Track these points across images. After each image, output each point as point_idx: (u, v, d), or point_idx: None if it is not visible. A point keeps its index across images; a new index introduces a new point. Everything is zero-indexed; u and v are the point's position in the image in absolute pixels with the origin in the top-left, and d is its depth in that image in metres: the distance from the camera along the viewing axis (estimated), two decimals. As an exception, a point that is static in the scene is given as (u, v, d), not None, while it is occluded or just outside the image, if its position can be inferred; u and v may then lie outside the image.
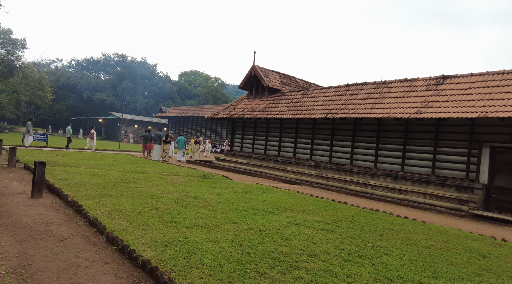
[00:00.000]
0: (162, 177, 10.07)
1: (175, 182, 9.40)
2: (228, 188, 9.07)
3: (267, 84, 16.13)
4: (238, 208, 6.45)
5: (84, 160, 13.38)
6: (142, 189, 7.72)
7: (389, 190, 10.75)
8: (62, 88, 60.31)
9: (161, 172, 11.65)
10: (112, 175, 9.53)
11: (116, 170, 11.11)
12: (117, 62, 68.03)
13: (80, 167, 11.01)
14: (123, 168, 11.90)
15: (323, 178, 12.72)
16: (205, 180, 10.39)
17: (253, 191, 8.83)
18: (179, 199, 6.85)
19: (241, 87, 17.83)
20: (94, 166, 11.65)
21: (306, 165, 13.67)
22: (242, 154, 17.05)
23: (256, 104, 16.67)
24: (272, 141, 15.77)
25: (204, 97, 73.31)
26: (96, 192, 6.76)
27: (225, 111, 18.03)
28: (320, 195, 9.70)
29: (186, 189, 8.23)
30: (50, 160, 12.03)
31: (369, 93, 12.41)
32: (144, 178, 9.53)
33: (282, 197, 8.17)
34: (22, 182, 7.67)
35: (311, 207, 7.19)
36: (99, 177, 8.87)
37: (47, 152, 15.65)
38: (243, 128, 17.52)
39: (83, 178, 8.50)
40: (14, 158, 9.94)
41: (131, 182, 8.65)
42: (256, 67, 16.82)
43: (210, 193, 7.90)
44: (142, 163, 14.64)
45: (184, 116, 41.35)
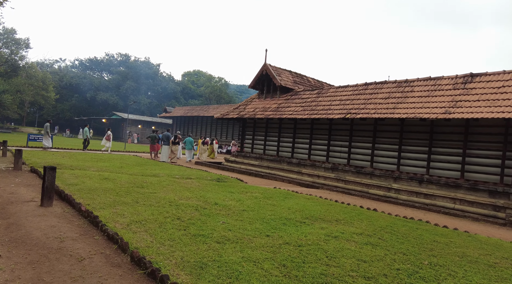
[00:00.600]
0: (176, 181, 9.54)
1: (190, 186, 8.86)
2: (247, 193, 8.52)
3: (279, 83, 15.57)
4: (265, 217, 5.90)
5: (92, 162, 12.87)
6: (158, 194, 7.19)
7: (415, 194, 10.17)
8: (65, 88, 59.97)
9: (172, 174, 11.11)
10: (123, 178, 9.00)
11: (126, 173, 10.59)
12: (120, 62, 67.64)
13: (88, 170, 10.49)
14: (133, 170, 11.38)
15: (341, 181, 12.15)
16: (220, 184, 9.84)
17: (274, 196, 8.28)
18: (199, 207, 6.31)
19: (251, 86, 17.27)
20: (102, 168, 11.13)
21: (322, 167, 13.10)
22: (253, 155, 16.50)
23: (267, 104, 16.11)
24: (285, 142, 15.21)
25: (208, 97, 72.89)
26: (110, 199, 6.23)
27: (235, 111, 17.49)
28: (343, 200, 9.15)
29: (204, 194, 7.69)
30: (57, 162, 11.53)
31: (390, 92, 11.83)
32: (157, 182, 8.99)
33: (307, 204, 7.62)
34: (29, 187, 7.15)
35: (342, 215, 6.63)
36: (110, 181, 8.35)
37: (52, 154, 15.16)
38: (254, 129, 16.97)
39: (94, 182, 7.98)
40: (20, 161, 9.43)
41: (144, 186, 8.12)
42: (268, 65, 16.27)
43: (230, 199, 7.36)
44: (151, 164, 14.12)
45: (189, 116, 40.84)
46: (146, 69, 64.58)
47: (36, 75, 44.19)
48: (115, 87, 60.70)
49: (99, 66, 67.56)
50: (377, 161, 11.72)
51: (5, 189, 6.68)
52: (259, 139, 16.63)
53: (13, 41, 42.53)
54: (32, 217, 4.86)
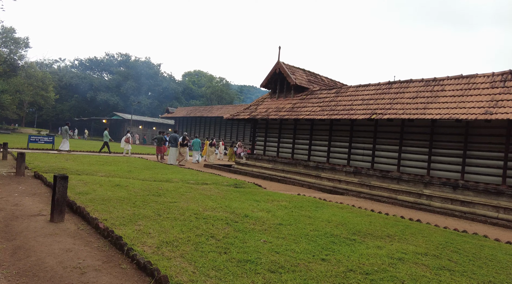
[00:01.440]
0: (192, 187, 8.76)
1: (209, 193, 8.09)
2: (273, 201, 7.76)
3: (294, 82, 14.81)
4: (308, 234, 5.14)
5: (98, 166, 12.08)
6: (179, 204, 6.41)
7: (449, 201, 9.41)
8: (65, 88, 59.10)
9: (186, 179, 10.34)
10: (136, 185, 8.22)
11: (136, 178, 9.81)
12: (121, 62, 66.76)
13: (96, 175, 9.71)
14: (143, 175, 10.60)
15: (366, 187, 11.39)
16: (240, 190, 9.07)
17: (303, 205, 7.52)
18: (229, 220, 5.55)
19: (263, 86, 16.51)
20: (111, 173, 10.35)
21: (343, 171, 12.34)
22: (265, 158, 15.74)
23: (281, 104, 15.35)
24: (300, 144, 14.45)
25: (209, 98, 72.19)
26: (128, 212, 5.45)
27: (245, 111, 16.72)
28: (376, 208, 8.39)
29: (228, 203, 6.92)
30: (61, 166, 10.74)
31: (417, 91, 11.08)
32: (173, 188, 8.22)
33: (345, 215, 6.86)
34: (35, 197, 6.36)
35: (390, 229, 5.87)
36: (123, 189, 7.57)
37: (55, 156, 14.36)
38: (266, 130, 16.20)
39: (105, 190, 7.20)
40: (23, 165, 8.64)
41: (161, 194, 7.34)
42: (282, 63, 15.52)
43: (259, 210, 6.59)
44: (160, 168, 13.34)
45: (192, 117, 40.06)
46: (147, 69, 63.73)
47: (36, 75, 43.33)
48: (115, 88, 59.85)
49: (99, 66, 66.70)
50: (405, 165, 10.97)
51: (8, 200, 5.89)
52: (272, 141, 15.87)
53: (12, 40, 41.68)
54: (43, 238, 4.08)
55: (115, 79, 60.61)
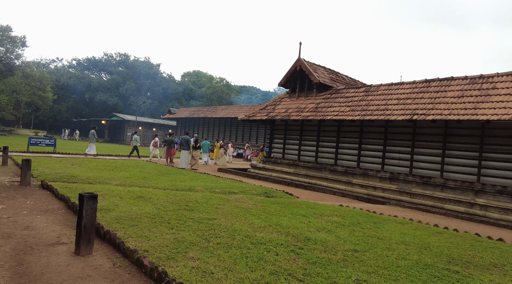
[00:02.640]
0: (222, 198, 7.69)
1: (244, 205, 7.03)
2: (322, 216, 6.71)
3: (317, 80, 13.77)
4: (397, 264, 4.10)
5: (108, 172, 10.97)
6: (220, 222, 5.35)
7: (510, 212, 8.41)
8: (62, 89, 57.71)
9: (210, 188, 9.26)
10: (160, 196, 7.13)
11: (156, 187, 8.72)
12: (120, 62, 65.48)
13: (110, 184, 8.60)
14: (161, 182, 9.50)
15: (406, 194, 10.37)
16: (275, 201, 8.00)
17: (359, 221, 6.47)
18: (292, 245, 4.49)
19: (281, 84, 15.46)
20: (125, 181, 9.24)
21: (377, 176, 11.31)
22: (285, 162, 14.68)
23: (302, 103, 14.31)
24: (325, 147, 13.41)
25: (209, 98, 71.13)
26: (168, 236, 4.38)
27: (262, 112, 15.66)
28: (431, 221, 7.37)
29: (276, 221, 5.85)
30: (69, 173, 9.61)
31: (463, 90, 10.08)
32: (202, 200, 7.14)
33: (414, 234, 5.82)
34: (48, 215, 5.25)
35: (485, 254, 4.84)
36: (148, 202, 6.49)
37: (59, 161, 13.21)
38: (286, 131, 15.15)
39: (129, 204, 6.11)
40: (28, 174, 7.52)
41: (193, 208, 6.27)
42: (303, 60, 14.48)
43: (315, 228, 5.54)
44: (175, 173, 12.23)
45: (195, 117, 38.89)
46: (146, 69, 62.49)
47: (33, 74, 41.94)
48: (114, 88, 58.57)
49: (98, 66, 65.34)
50: (449, 170, 9.97)
51: (16, 220, 4.79)
52: (292, 144, 14.81)
53: (9, 39, 40.30)
54: (68, 282, 2.99)
55: (114, 80, 59.32)
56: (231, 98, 71.44)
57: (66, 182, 8.41)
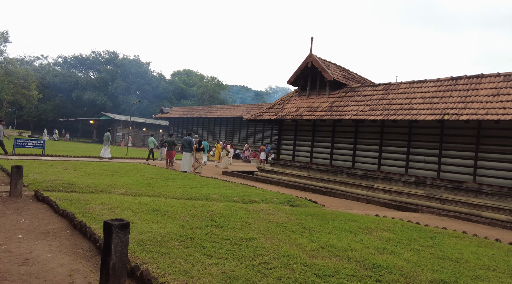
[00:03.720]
0: (247, 209, 6.73)
1: (277, 219, 6.09)
2: (369, 231, 5.82)
3: (331, 77, 12.93)
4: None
5: (107, 177, 9.85)
6: (262, 243, 4.40)
7: (558, 220, 7.71)
8: (48, 87, 55.49)
9: (226, 196, 8.27)
10: (177, 208, 6.13)
11: (167, 196, 7.68)
12: (108, 60, 63.45)
13: (114, 193, 7.53)
14: (171, 190, 8.45)
15: (435, 200, 9.60)
16: (307, 212, 7.08)
17: (415, 237, 5.61)
18: (366, 277, 3.59)
19: (290, 82, 14.57)
20: (130, 188, 8.16)
21: (401, 181, 10.53)
22: (295, 165, 13.78)
23: (314, 102, 13.44)
24: (341, 149, 12.57)
25: (201, 98, 69.91)
26: (213, 270, 3.40)
27: (270, 111, 14.73)
28: (479, 233, 6.58)
29: (327, 240, 4.93)
30: (66, 180, 8.47)
31: (497, 88, 9.38)
32: (226, 212, 6.16)
33: (489, 253, 4.99)
34: (51, 239, 4.20)
35: None
36: (166, 216, 5.48)
37: (50, 164, 11.97)
38: (296, 132, 14.26)
39: (146, 221, 5.09)
40: (19, 183, 6.38)
41: (221, 224, 5.30)
42: (315, 56, 13.61)
43: (378, 251, 4.65)
44: (180, 178, 11.18)
45: (189, 117, 37.67)
46: (136, 68, 60.71)
47: (17, 72, 39.92)
48: (102, 87, 56.64)
49: (85, 64, 63.12)
50: (483, 174, 9.25)
51: (10, 250, 3.72)
52: (304, 145, 13.93)
53: (-10, 34, 38.24)
54: None
55: (102, 78, 57.39)
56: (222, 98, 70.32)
57: (64, 191, 7.30)
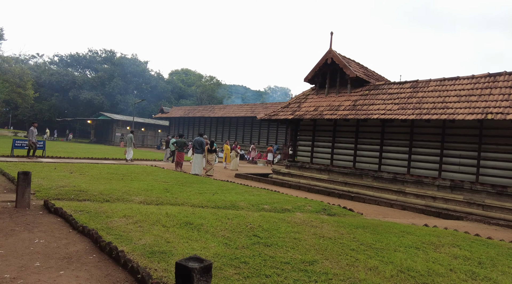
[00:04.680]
0: (286, 220, 5.94)
1: (328, 234, 5.31)
2: (437, 247, 5.06)
3: (354, 74, 12.17)
4: None
5: (119, 182, 9.00)
6: (330, 268, 3.63)
7: None
8: (43, 86, 54.28)
9: (255, 204, 7.47)
10: (210, 220, 5.33)
11: (191, 204, 6.87)
12: (105, 59, 62.32)
13: (132, 201, 6.70)
14: (192, 197, 7.62)
15: (476, 206, 8.88)
16: (353, 223, 6.31)
17: (492, 255, 4.86)
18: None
19: (308, 79, 13.80)
20: (148, 195, 7.33)
21: (434, 185, 9.81)
22: (314, 167, 13.01)
23: (334, 100, 12.68)
24: (366, 150, 11.82)
25: (199, 97, 69.08)
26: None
27: (285, 110, 13.94)
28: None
29: (400, 262, 4.16)
30: (74, 186, 7.61)
31: (543, 84, 8.68)
32: (267, 225, 5.38)
33: None
34: (76, 268, 3.37)
35: None
36: (203, 232, 4.69)
37: (54, 167, 11.09)
38: (314, 132, 13.49)
39: (184, 239, 4.29)
40: (27, 192, 5.53)
41: (268, 241, 4.53)
42: (335, 52, 12.86)
43: (469, 276, 3.89)
44: (196, 182, 10.34)
45: (190, 117, 36.77)
46: (134, 67, 59.62)
47: (12, 70, 38.71)
48: (100, 86, 55.51)
49: (82, 63, 61.91)
50: (529, 178, 8.55)
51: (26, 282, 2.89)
52: (323, 146, 13.16)
53: (-16, 31, 37.03)
54: None
55: (99, 77, 56.25)
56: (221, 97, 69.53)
57: (76, 199, 6.45)
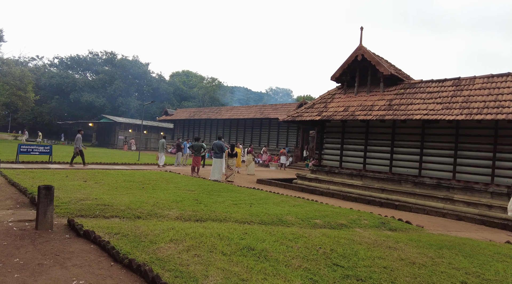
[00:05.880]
0: (357, 241, 5.03)
1: (414, 258, 4.42)
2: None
3: (389, 71, 11.30)
4: None
5: (141, 193, 8.06)
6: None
7: None
8: (43, 89, 53.25)
9: (304, 217, 6.54)
10: (271, 243, 4.42)
11: (235, 220, 5.94)
12: (106, 61, 61.32)
13: (167, 217, 5.76)
14: (232, 209, 6.69)
15: (542, 216, 7.98)
16: (431, 241, 5.41)
17: None
18: None
19: (335, 78, 12.91)
20: (182, 209, 6.39)
21: (487, 191, 8.91)
22: (345, 172, 12.10)
23: (366, 100, 11.79)
24: (404, 153, 10.93)
25: (201, 99, 68.29)
26: None
27: (310, 111, 13.04)
28: None
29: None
30: (95, 198, 6.67)
31: None
32: (340, 249, 4.47)
33: None
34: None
35: None
36: (275, 262, 3.77)
37: (66, 175, 10.13)
38: (343, 134, 12.58)
39: (253, 273, 3.36)
40: (49, 211, 4.60)
41: (357, 273, 3.66)
42: (366, 48, 11.98)
43: None
44: (224, 190, 9.40)
45: (196, 119, 35.83)
46: (135, 69, 58.73)
47: (13, 72, 37.74)
48: (101, 88, 54.53)
49: (82, 65, 60.89)
50: None
51: None
52: (354, 149, 12.25)
53: (-16, 32, 36.06)
54: None
55: (100, 79, 55.28)
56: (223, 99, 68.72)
57: (102, 216, 5.52)
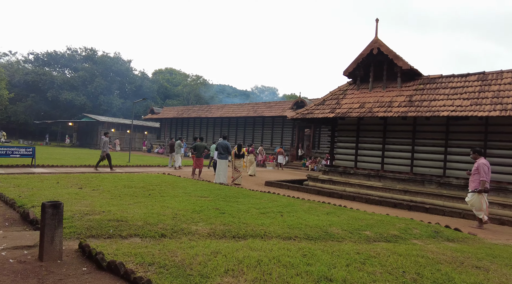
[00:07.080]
0: (434, 260, 4.22)
1: None
2: None
3: (408, 66, 10.63)
4: None
5: (151, 201, 7.00)
6: None
7: None
8: (18, 86, 50.30)
9: (351, 229, 5.69)
10: (349, 273, 3.54)
11: (277, 235, 5.03)
12: (86, 58, 58.62)
13: (196, 234, 4.78)
14: (265, 221, 5.76)
15: None
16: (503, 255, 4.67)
17: None
18: None
19: (348, 72, 12.15)
20: (208, 223, 5.41)
21: (524, 192, 8.37)
22: (361, 172, 11.38)
23: (382, 96, 11.10)
24: (426, 152, 10.29)
25: (186, 97, 66.74)
26: None
27: (321, 108, 12.23)
28: None
29: None
30: (102, 211, 5.58)
31: None
32: (427, 273, 3.65)
33: None
34: None
35: None
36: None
37: (56, 181, 8.88)
38: (358, 133, 11.85)
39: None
40: (58, 235, 3.52)
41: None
42: (382, 41, 11.27)
43: None
44: (239, 196, 8.43)
45: (184, 118, 34.50)
46: (117, 66, 56.46)
47: (-16, 69, 35.16)
48: (81, 86, 52.03)
49: (60, 62, 58.01)
50: None
51: None
52: (370, 149, 11.54)
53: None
54: None
55: (80, 77, 52.72)
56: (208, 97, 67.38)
57: (118, 236, 4.46)
